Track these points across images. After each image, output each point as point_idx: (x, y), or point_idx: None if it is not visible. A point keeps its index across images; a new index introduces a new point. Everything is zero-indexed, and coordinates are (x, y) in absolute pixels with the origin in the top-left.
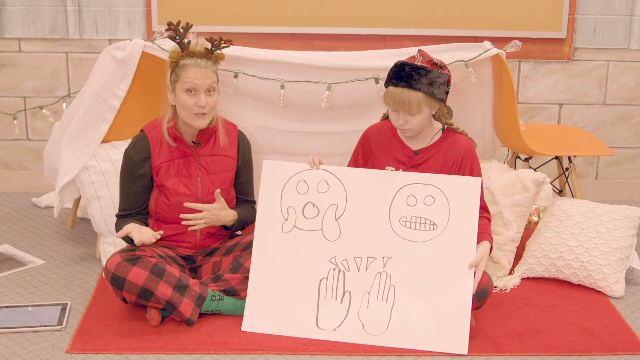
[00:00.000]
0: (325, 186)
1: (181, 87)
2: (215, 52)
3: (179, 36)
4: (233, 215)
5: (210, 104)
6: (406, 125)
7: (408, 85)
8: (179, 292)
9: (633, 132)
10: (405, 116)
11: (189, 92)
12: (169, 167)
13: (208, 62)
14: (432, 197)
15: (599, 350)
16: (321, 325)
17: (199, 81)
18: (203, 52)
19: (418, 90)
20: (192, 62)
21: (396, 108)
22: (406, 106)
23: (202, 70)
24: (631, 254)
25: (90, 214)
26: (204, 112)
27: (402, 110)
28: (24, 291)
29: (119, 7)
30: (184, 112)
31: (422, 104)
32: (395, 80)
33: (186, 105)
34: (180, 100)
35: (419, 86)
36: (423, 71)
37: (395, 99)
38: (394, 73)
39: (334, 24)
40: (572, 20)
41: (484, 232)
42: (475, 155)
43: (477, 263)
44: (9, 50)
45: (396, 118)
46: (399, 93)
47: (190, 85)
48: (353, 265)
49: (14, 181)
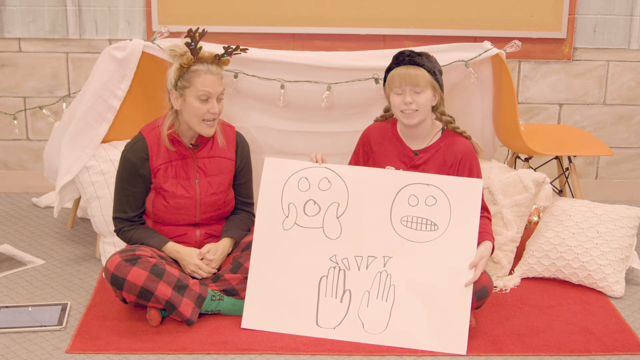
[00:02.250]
0: (327, 184)
1: (194, 94)
2: (223, 58)
3: (194, 42)
4: (230, 243)
5: (221, 111)
6: (413, 104)
7: (412, 62)
8: (179, 292)
9: (633, 132)
10: (411, 94)
11: (202, 99)
12: (167, 169)
13: (218, 68)
14: (433, 198)
15: (599, 350)
16: (321, 323)
17: (212, 89)
18: (213, 58)
19: (422, 67)
20: (204, 68)
21: (402, 84)
22: (413, 79)
23: (215, 78)
24: (631, 254)
25: (90, 214)
26: (214, 119)
27: (409, 84)
28: (24, 291)
29: (119, 7)
30: (194, 119)
31: (427, 81)
32: (398, 62)
33: (198, 113)
34: (192, 107)
35: (422, 63)
36: (424, 55)
37: (401, 75)
38: (394, 59)
39: (334, 24)
40: (572, 20)
41: (486, 231)
42: (474, 156)
43: (476, 263)
44: (9, 50)
45: (401, 99)
46: (405, 70)
47: (204, 94)
48: (353, 264)
49: (14, 181)
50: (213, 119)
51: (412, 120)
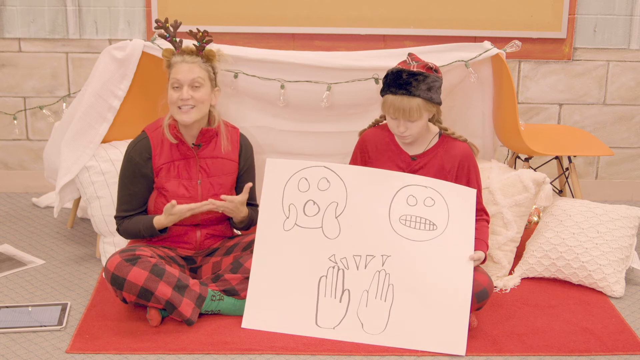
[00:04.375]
0: (326, 184)
1: (169, 84)
2: (206, 49)
3: (169, 34)
4: (247, 212)
5: (196, 98)
6: (406, 132)
7: (407, 92)
8: (179, 292)
9: (633, 132)
10: (405, 123)
11: (174, 87)
12: (169, 168)
13: (196, 57)
14: (432, 199)
15: (599, 350)
16: (320, 323)
17: (181, 75)
18: (193, 49)
19: (417, 97)
20: (179, 58)
21: (396, 116)
22: (407, 113)
23: (187, 65)
24: (631, 254)
25: (90, 214)
26: (190, 106)
27: (403, 117)
28: (24, 291)
29: (119, 7)
30: (171, 107)
31: (422, 110)
32: (394, 89)
33: (171, 100)
34: (168, 96)
35: (418, 92)
36: (421, 77)
37: (395, 107)
38: (392, 81)
39: (334, 24)
40: (572, 20)
41: (480, 238)
42: (473, 159)
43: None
44: (9, 50)
45: (396, 125)
46: (399, 101)
47: (174, 81)
48: (352, 264)
49: (14, 181)
50: (187, 106)
51: (406, 141)
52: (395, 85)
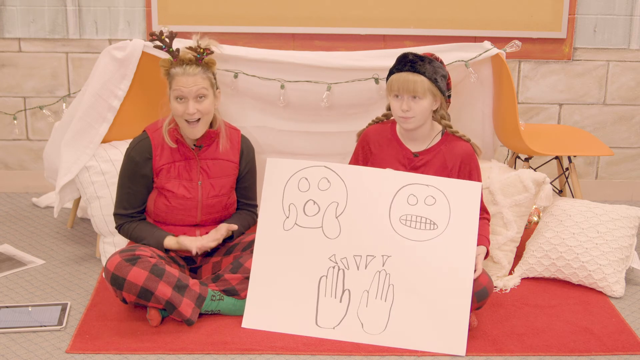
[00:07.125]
0: (326, 184)
1: (172, 95)
2: (205, 59)
3: (165, 45)
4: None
5: (201, 110)
6: (409, 112)
7: (412, 69)
8: (179, 292)
9: (633, 132)
10: (408, 101)
11: (178, 100)
12: (170, 169)
13: (197, 68)
14: (433, 198)
15: (599, 350)
16: (320, 323)
17: (186, 89)
18: (192, 59)
19: (422, 74)
20: (180, 70)
21: (400, 91)
22: (411, 87)
23: (190, 78)
24: (631, 254)
25: (90, 214)
26: (197, 119)
27: (407, 92)
28: (24, 291)
29: (119, 7)
30: (178, 119)
31: (426, 89)
32: (400, 66)
33: (177, 113)
34: (173, 108)
35: (423, 70)
36: (426, 59)
37: (400, 81)
38: (397, 62)
39: (334, 24)
40: (572, 20)
41: (482, 235)
42: (475, 159)
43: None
44: (9, 50)
45: (399, 105)
46: (404, 76)
47: (178, 93)
48: (352, 264)
49: (14, 181)
50: (194, 120)
51: (409, 125)
52: (401, 63)
